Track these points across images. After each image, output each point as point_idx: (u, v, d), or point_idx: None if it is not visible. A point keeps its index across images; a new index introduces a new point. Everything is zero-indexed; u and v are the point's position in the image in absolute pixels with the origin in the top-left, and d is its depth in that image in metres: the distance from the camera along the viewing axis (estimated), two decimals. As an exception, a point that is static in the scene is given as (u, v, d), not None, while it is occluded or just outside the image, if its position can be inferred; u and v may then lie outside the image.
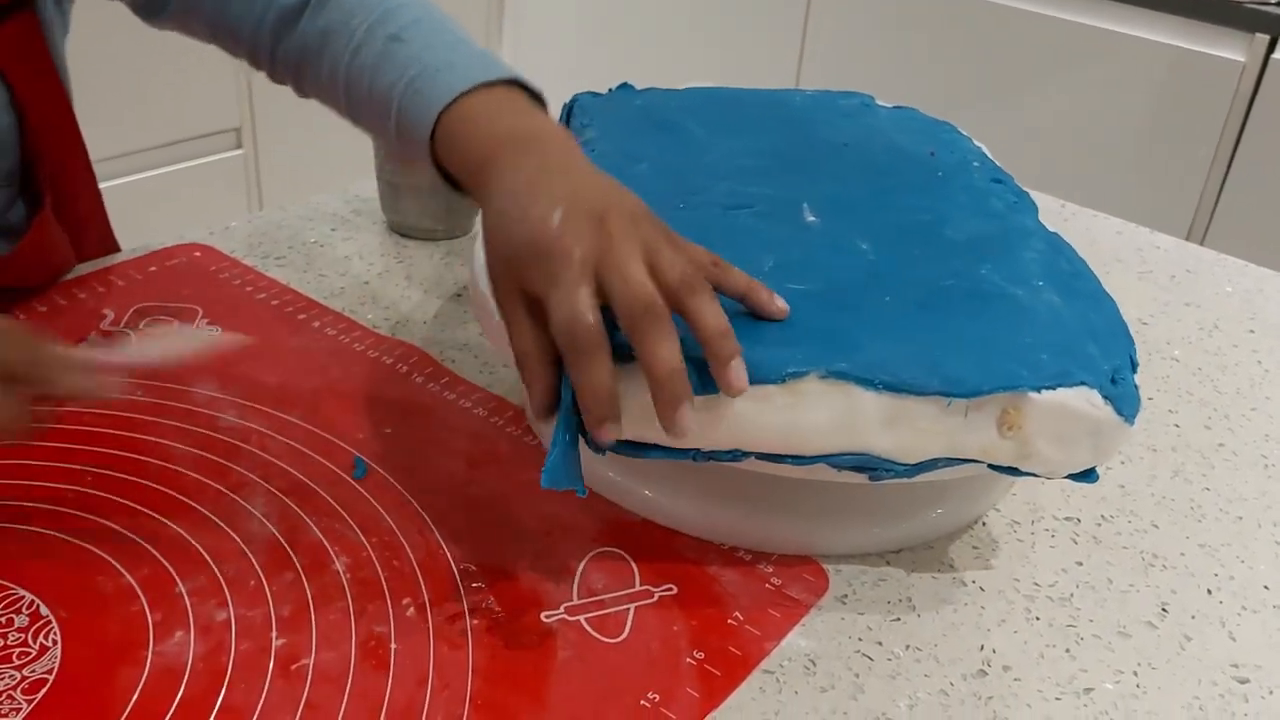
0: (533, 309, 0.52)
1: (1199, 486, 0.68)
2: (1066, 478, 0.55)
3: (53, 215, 0.74)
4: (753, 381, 0.51)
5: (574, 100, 0.79)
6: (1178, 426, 0.74)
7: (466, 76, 0.60)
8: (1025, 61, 1.84)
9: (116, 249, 0.83)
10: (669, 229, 0.54)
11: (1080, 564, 0.62)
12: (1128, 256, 0.96)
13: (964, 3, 1.87)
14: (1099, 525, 0.65)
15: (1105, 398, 0.53)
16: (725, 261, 0.55)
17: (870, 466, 0.53)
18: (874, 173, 0.70)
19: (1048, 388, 0.53)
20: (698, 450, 0.54)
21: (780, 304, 0.55)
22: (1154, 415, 0.75)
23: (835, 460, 0.53)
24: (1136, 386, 0.55)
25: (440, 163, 0.61)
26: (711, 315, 0.51)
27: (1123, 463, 0.70)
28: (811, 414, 0.52)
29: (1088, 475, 0.56)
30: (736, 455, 0.54)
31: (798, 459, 0.53)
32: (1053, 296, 0.58)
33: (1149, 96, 1.74)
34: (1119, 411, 0.53)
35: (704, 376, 0.51)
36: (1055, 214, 1.01)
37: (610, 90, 0.81)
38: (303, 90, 0.71)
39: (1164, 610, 0.59)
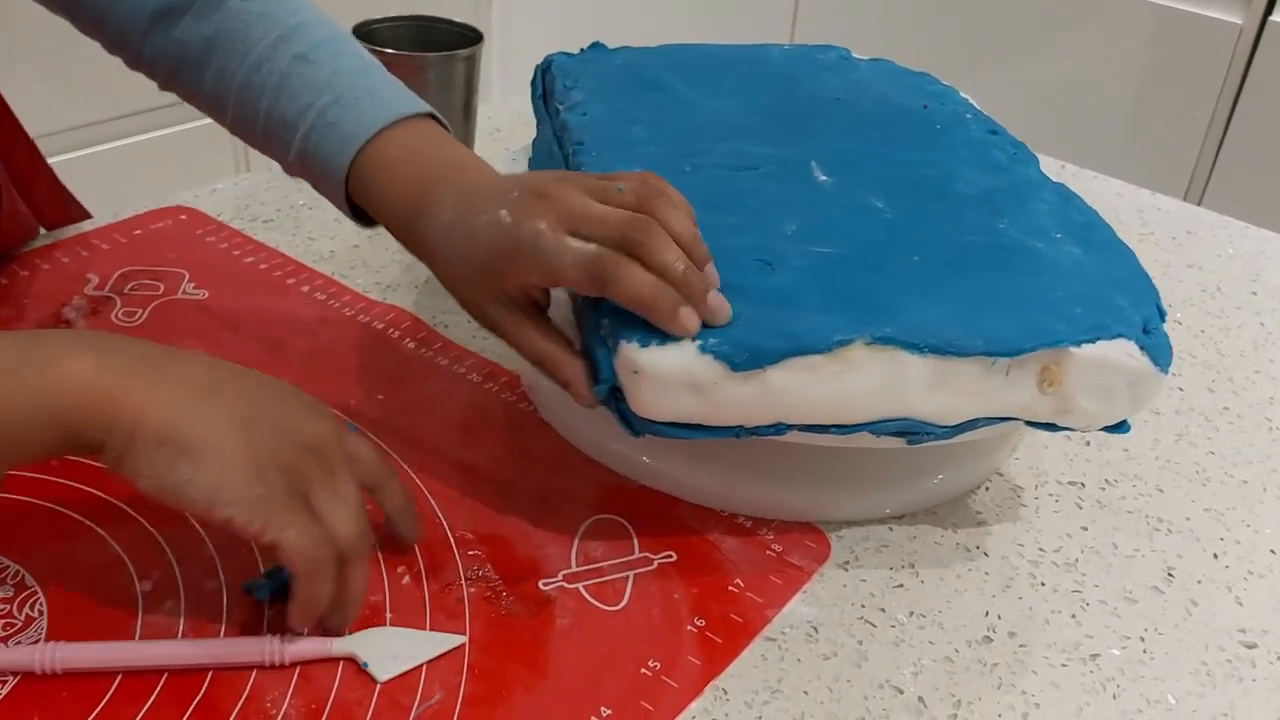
0: (526, 308, 0.54)
1: (1204, 450, 0.68)
2: (1101, 430, 0.55)
3: (8, 181, 0.71)
4: (799, 352, 0.50)
5: (549, 61, 0.77)
6: (1181, 390, 0.73)
7: (388, 108, 0.58)
8: (1021, 21, 1.83)
9: (85, 215, 0.81)
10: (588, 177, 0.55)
11: (1085, 529, 0.61)
12: (1128, 218, 0.95)
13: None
14: (1103, 490, 0.64)
15: (1141, 348, 0.53)
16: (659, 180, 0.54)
17: (912, 430, 0.53)
18: (870, 127, 0.68)
19: (1087, 341, 0.52)
20: (741, 427, 0.52)
21: (683, 323, 0.51)
22: (1157, 378, 0.74)
23: (877, 427, 0.52)
24: (1167, 335, 0.55)
25: (352, 195, 0.59)
26: (677, 220, 0.52)
27: (1126, 426, 0.69)
28: (859, 381, 0.51)
29: (1120, 426, 0.56)
30: (780, 429, 0.53)
31: (842, 428, 0.52)
32: (1073, 248, 0.58)
33: (1145, 58, 1.72)
34: (1155, 361, 0.53)
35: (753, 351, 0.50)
36: (1054, 174, 0.99)
37: (583, 50, 0.79)
38: (170, 88, 0.65)
39: (1170, 575, 0.58)
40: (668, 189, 0.54)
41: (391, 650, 0.48)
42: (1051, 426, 0.54)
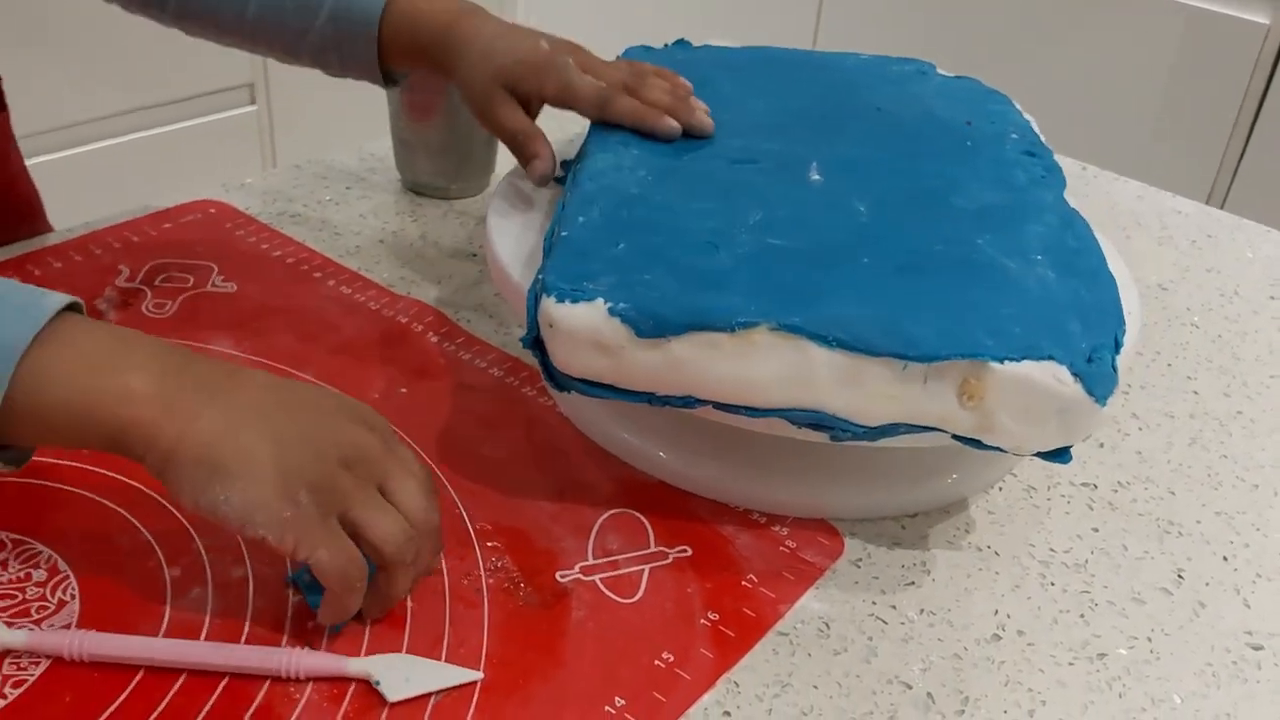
0: (518, 104, 0.69)
1: (1216, 454, 0.68)
2: (1038, 456, 0.54)
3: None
4: (703, 328, 0.51)
5: (626, 53, 0.78)
6: (1196, 393, 0.73)
7: None
8: (1046, 20, 1.82)
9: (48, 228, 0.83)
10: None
11: (1096, 530, 0.61)
12: (1148, 221, 0.95)
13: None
14: (1115, 492, 0.64)
15: (1075, 375, 0.51)
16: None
17: (827, 425, 0.53)
18: (899, 138, 0.69)
19: (1011, 359, 0.51)
20: (652, 394, 0.54)
21: (668, 123, 0.66)
22: (1173, 382, 0.74)
23: (790, 415, 0.53)
24: (1115, 368, 0.53)
25: (385, 39, 0.70)
26: (658, 90, 0.68)
27: (1140, 429, 0.70)
28: (762, 366, 0.52)
29: (1059, 455, 0.54)
30: (690, 401, 0.54)
31: (752, 411, 0.53)
32: (1046, 271, 0.57)
33: (1171, 58, 1.72)
34: (1089, 391, 0.51)
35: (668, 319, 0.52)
36: (1076, 176, 1.00)
37: (666, 45, 0.81)
38: (182, 16, 0.72)
39: (1179, 577, 0.59)
40: (657, 70, 0.71)
41: (405, 674, 0.49)
42: (978, 444, 0.53)
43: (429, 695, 0.48)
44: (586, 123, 0.70)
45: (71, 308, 0.49)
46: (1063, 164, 0.71)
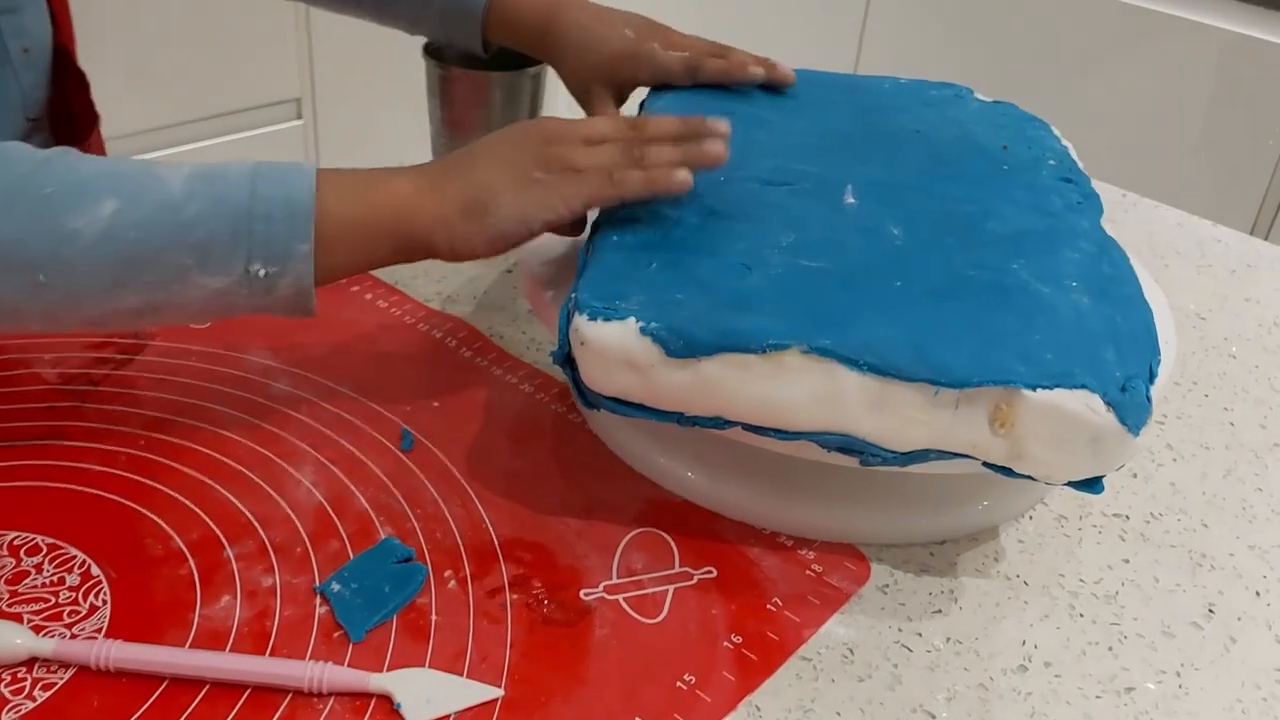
0: (614, 97, 0.75)
1: (1251, 486, 0.67)
2: (1070, 486, 0.53)
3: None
4: (734, 349, 0.52)
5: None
6: (1232, 425, 0.73)
7: None
8: (1087, 46, 1.81)
9: None
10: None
11: (1127, 561, 0.61)
12: (1187, 249, 0.94)
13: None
14: (1148, 523, 0.64)
15: (1108, 404, 0.51)
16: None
17: (857, 449, 0.53)
18: (934, 161, 0.68)
19: (1044, 387, 0.51)
20: (682, 414, 0.54)
21: (754, 71, 0.74)
22: (1209, 413, 0.74)
23: (820, 439, 0.53)
24: (1149, 398, 0.52)
25: (489, 22, 0.77)
26: (743, 55, 0.75)
27: (1175, 460, 0.69)
28: (792, 388, 0.52)
29: (1092, 485, 0.53)
30: (720, 422, 0.54)
31: (781, 433, 0.53)
32: (1081, 297, 0.56)
33: (1213, 85, 1.70)
34: (1122, 420, 0.51)
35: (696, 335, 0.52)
36: (1116, 204, 0.99)
37: None
38: None
39: (1210, 611, 0.58)
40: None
41: (427, 694, 0.49)
42: (1009, 472, 0.53)
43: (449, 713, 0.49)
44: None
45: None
46: (1101, 191, 0.70)
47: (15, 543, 0.55)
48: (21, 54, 0.72)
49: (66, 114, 0.79)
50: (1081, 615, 0.57)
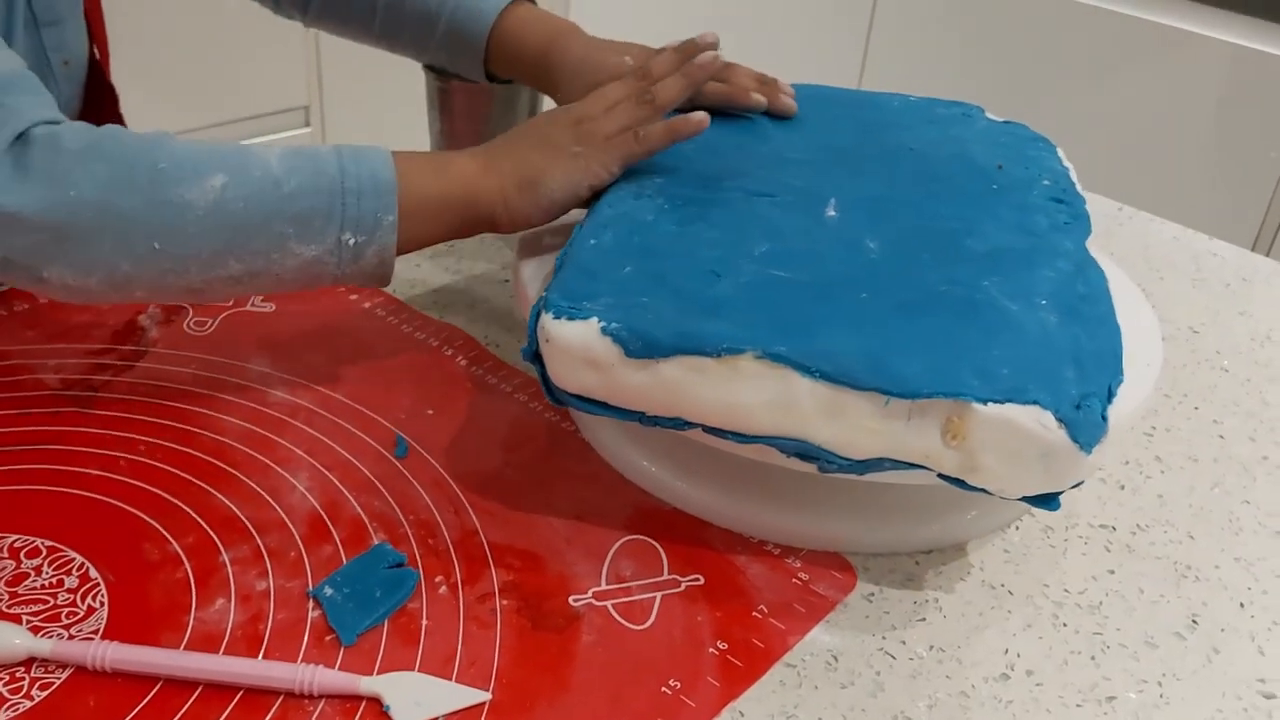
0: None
1: (1239, 499, 0.68)
2: (1025, 501, 0.54)
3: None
4: (691, 351, 0.53)
5: None
6: (1222, 438, 0.73)
7: None
8: (1090, 58, 1.82)
9: None
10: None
11: (1112, 572, 0.61)
12: (1182, 263, 0.95)
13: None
14: (1134, 534, 0.64)
15: (1060, 421, 0.51)
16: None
17: (813, 455, 0.54)
18: (925, 179, 0.69)
19: (995, 401, 0.51)
20: (643, 414, 0.55)
21: (755, 98, 0.74)
22: (1198, 425, 0.74)
23: (776, 443, 0.54)
24: (1105, 417, 0.52)
25: (490, 56, 0.78)
26: (745, 76, 0.77)
27: (1163, 472, 0.69)
28: (750, 393, 0.53)
29: (1048, 501, 0.53)
30: (680, 424, 0.55)
31: (739, 436, 0.54)
32: (1049, 315, 0.57)
33: (1219, 98, 1.70)
34: (1074, 438, 0.51)
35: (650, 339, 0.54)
36: (1111, 218, 1.00)
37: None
38: (321, 16, 0.83)
39: (1194, 622, 0.59)
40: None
41: (416, 697, 0.50)
42: (962, 484, 0.53)
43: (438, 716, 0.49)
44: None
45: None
46: (1099, 204, 0.71)
47: (15, 545, 0.56)
48: (62, 66, 0.75)
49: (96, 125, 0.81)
50: (1065, 625, 0.58)
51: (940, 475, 0.53)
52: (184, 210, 0.57)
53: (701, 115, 0.64)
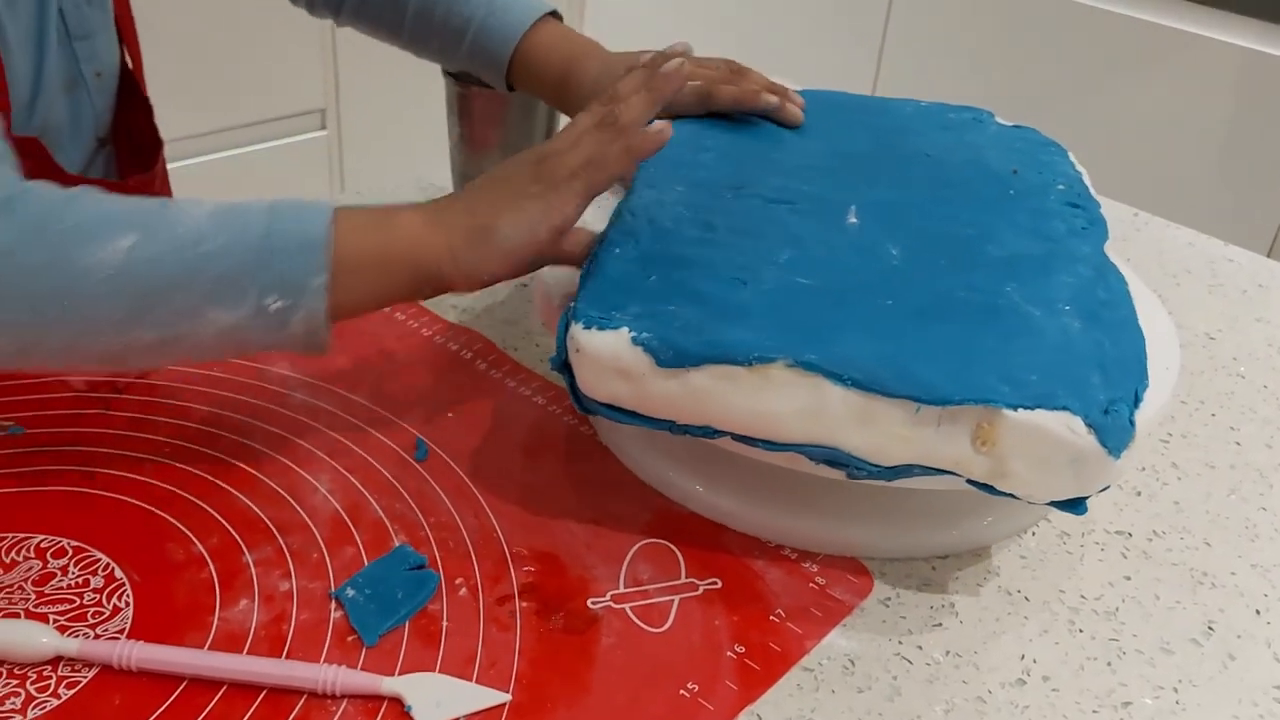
0: None
1: (1255, 506, 0.68)
2: (1052, 505, 0.54)
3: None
4: (722, 360, 0.53)
5: None
6: (1238, 444, 0.73)
7: (533, 10, 0.78)
8: (1103, 63, 1.81)
9: None
10: None
11: (1128, 578, 0.62)
12: (1198, 269, 0.95)
13: (1039, 4, 1.85)
14: (1150, 540, 0.64)
15: (1089, 426, 0.51)
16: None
17: (843, 463, 0.54)
18: (941, 184, 0.69)
19: (1025, 407, 0.51)
20: (673, 422, 0.55)
21: (767, 99, 0.74)
22: (1215, 432, 0.74)
23: (806, 451, 0.54)
24: (1133, 422, 0.53)
25: (513, 74, 0.78)
26: (757, 81, 0.77)
27: (1180, 479, 0.70)
28: (779, 401, 0.53)
29: (1075, 506, 0.54)
30: (709, 432, 0.55)
31: (769, 444, 0.54)
32: (1072, 321, 0.57)
33: (1231, 103, 1.70)
34: (1103, 442, 0.51)
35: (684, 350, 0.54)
36: (1127, 223, 1.00)
37: None
38: (356, 16, 0.83)
39: (1210, 629, 0.59)
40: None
41: (437, 697, 0.51)
42: (992, 490, 0.54)
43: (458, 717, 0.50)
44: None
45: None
46: (1113, 210, 0.71)
47: (42, 545, 0.57)
48: (94, 77, 0.76)
49: (129, 136, 0.82)
50: (1081, 631, 0.58)
51: (969, 481, 0.54)
52: (90, 271, 0.52)
53: (662, 125, 0.61)
